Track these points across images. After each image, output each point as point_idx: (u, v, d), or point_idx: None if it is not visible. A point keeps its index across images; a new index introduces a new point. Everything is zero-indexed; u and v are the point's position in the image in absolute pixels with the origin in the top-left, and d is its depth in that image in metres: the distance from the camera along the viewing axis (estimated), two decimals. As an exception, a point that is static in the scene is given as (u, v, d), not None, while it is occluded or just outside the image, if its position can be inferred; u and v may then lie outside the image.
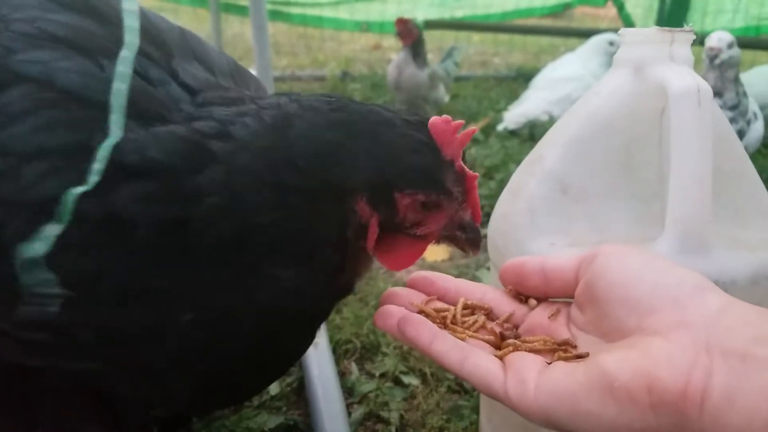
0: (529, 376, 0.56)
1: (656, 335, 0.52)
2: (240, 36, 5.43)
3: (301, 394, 1.37)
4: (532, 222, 0.82)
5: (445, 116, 0.66)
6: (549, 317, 0.65)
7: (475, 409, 1.29)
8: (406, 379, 1.43)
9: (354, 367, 1.48)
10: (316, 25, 5.60)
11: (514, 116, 3.40)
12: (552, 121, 3.26)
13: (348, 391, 1.39)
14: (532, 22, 6.12)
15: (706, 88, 0.73)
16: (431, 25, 4.78)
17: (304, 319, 0.74)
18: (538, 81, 3.65)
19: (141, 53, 0.70)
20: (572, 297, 0.64)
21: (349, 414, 1.30)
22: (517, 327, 0.68)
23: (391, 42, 5.93)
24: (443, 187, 0.66)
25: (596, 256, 0.61)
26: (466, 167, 0.67)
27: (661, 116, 0.79)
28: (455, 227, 0.69)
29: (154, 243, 0.62)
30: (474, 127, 0.68)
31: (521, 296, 0.70)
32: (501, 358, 0.61)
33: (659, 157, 0.79)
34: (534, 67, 4.93)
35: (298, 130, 0.64)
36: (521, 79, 4.76)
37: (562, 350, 0.60)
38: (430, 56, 3.59)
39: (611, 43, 3.50)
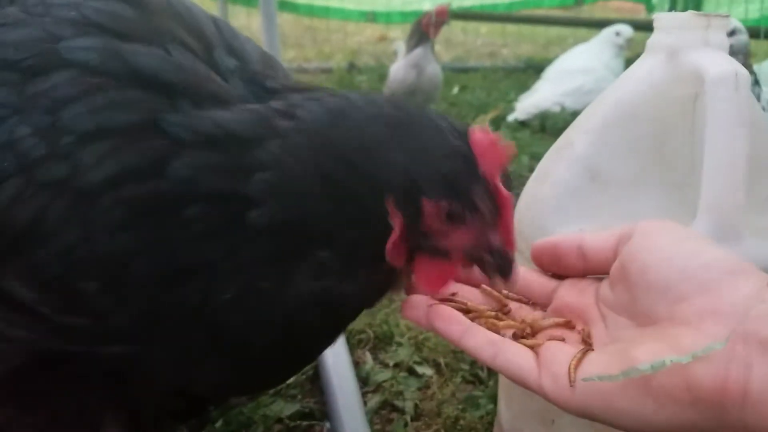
0: (562, 371, 0.55)
1: (687, 325, 0.51)
2: (246, 28, 5.40)
3: (316, 383, 1.37)
4: (559, 208, 0.81)
5: (486, 127, 0.65)
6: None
7: (492, 399, 1.29)
8: (420, 369, 1.42)
9: (368, 357, 1.48)
10: (322, 15, 5.58)
11: (525, 107, 3.38)
12: (564, 112, 3.25)
13: (363, 380, 1.38)
14: (540, 13, 6.08)
15: (744, 73, 0.71)
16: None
17: (336, 314, 0.72)
18: (549, 72, 3.62)
19: (182, 44, 0.70)
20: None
21: (365, 403, 1.30)
22: (545, 307, 0.67)
23: (397, 33, 5.90)
24: (468, 199, 0.62)
25: (632, 234, 0.60)
26: (502, 186, 0.63)
27: (693, 102, 0.77)
28: (483, 249, 0.65)
29: (201, 220, 0.62)
30: (512, 146, 0.66)
31: (548, 273, 0.69)
32: (532, 348, 0.61)
33: (691, 143, 0.78)
34: (543, 58, 4.91)
35: (353, 120, 0.64)
36: (531, 70, 4.73)
37: (589, 346, 0.59)
38: (437, 48, 3.49)
39: (617, 34, 3.48)
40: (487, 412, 1.26)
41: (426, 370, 1.42)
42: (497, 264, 0.65)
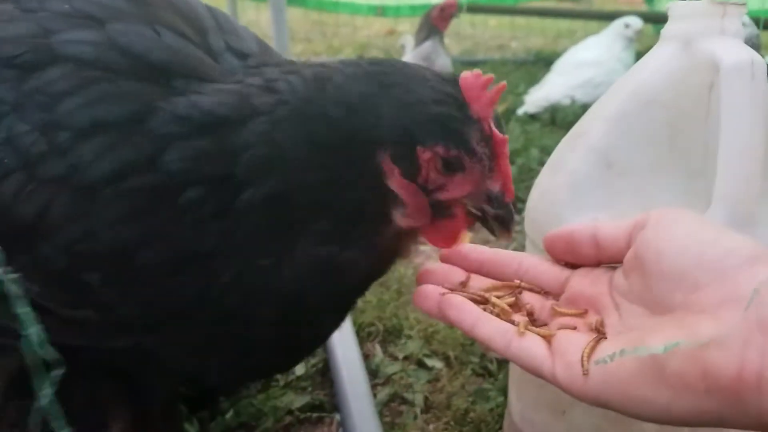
0: (576, 360, 0.55)
1: (703, 313, 0.50)
2: (255, 23, 5.40)
3: (326, 375, 1.37)
4: (574, 197, 0.80)
5: (476, 71, 0.62)
6: None
7: (501, 391, 1.28)
8: (429, 362, 1.42)
9: (378, 350, 1.48)
10: (331, 9, 5.57)
11: (535, 100, 3.36)
12: (574, 105, 3.22)
13: (372, 373, 1.38)
14: (550, 5, 6.03)
15: (760, 61, 0.70)
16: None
17: (340, 284, 0.71)
18: (559, 65, 3.59)
19: (175, 31, 0.70)
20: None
21: (374, 395, 1.30)
22: (557, 296, 0.67)
23: (406, 26, 5.88)
24: (466, 143, 0.60)
25: (647, 222, 0.59)
26: (495, 128, 0.62)
27: (709, 91, 0.76)
28: (482, 198, 0.64)
29: (196, 206, 0.62)
30: (502, 84, 0.63)
31: (561, 262, 0.68)
32: (545, 337, 0.60)
33: (706, 132, 0.77)
34: (553, 51, 4.87)
35: (334, 83, 0.63)
36: (540, 63, 4.70)
37: (602, 335, 0.58)
38: (446, 41, 3.46)
39: (627, 26, 3.45)
40: (497, 405, 1.26)
41: (435, 363, 1.42)
42: (498, 214, 0.64)
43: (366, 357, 1.43)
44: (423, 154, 0.61)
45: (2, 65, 0.64)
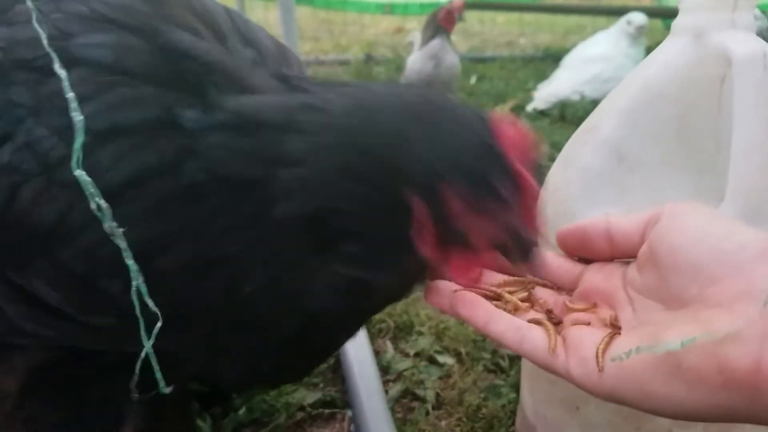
0: (590, 355, 0.55)
1: (719, 307, 0.50)
2: (264, 22, 5.40)
3: (337, 372, 1.38)
4: (585, 192, 0.80)
5: (510, 116, 0.63)
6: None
7: (513, 388, 1.28)
8: (441, 359, 1.43)
9: (389, 346, 1.48)
10: (339, 8, 5.58)
11: (544, 96, 3.35)
12: (583, 100, 3.21)
13: (383, 369, 1.39)
14: (559, 1, 6.00)
15: (772, 53, 0.70)
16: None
17: (362, 306, 0.72)
18: (568, 60, 3.58)
19: (196, 35, 0.69)
20: None
21: (386, 391, 1.31)
22: (570, 292, 0.67)
23: (413, 24, 5.88)
24: (492, 187, 0.60)
25: (660, 217, 0.59)
26: (527, 175, 0.61)
27: (720, 84, 0.76)
28: (508, 239, 0.63)
29: (225, 213, 0.62)
30: (539, 138, 0.64)
31: (573, 258, 0.68)
32: (559, 333, 0.60)
33: (717, 126, 0.77)
34: (562, 47, 4.85)
35: (375, 111, 0.63)
36: (549, 59, 4.68)
37: (616, 330, 0.58)
38: (453, 38, 3.48)
39: (629, 22, 3.43)
40: (509, 401, 1.26)
41: (447, 360, 1.42)
42: (518, 248, 0.63)
43: (377, 353, 1.44)
44: (450, 195, 0.60)
45: (20, 68, 0.63)
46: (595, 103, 3.14)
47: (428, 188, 0.61)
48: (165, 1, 0.71)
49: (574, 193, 0.81)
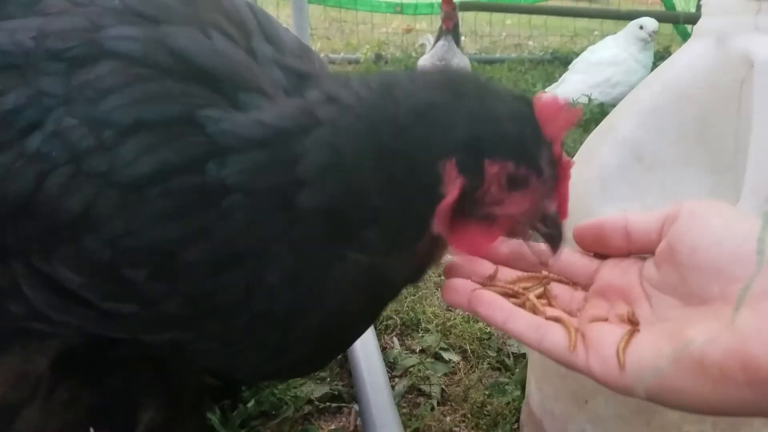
0: (611, 352, 0.55)
1: (743, 305, 0.50)
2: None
3: (344, 366, 1.40)
4: (603, 190, 0.81)
5: (552, 94, 0.62)
6: None
7: (518, 385, 1.30)
8: (446, 356, 1.44)
9: (396, 342, 1.50)
10: (350, 7, 5.59)
11: (551, 99, 3.35)
12: (591, 103, 3.22)
13: (390, 365, 1.41)
14: (567, 4, 5.99)
15: (796, 58, 0.71)
16: (465, 7, 4.73)
17: (379, 292, 0.72)
18: (577, 64, 3.59)
19: (224, 33, 0.70)
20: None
21: (392, 387, 1.32)
22: (586, 287, 0.67)
23: (423, 25, 5.89)
24: (536, 163, 0.60)
25: (679, 214, 0.59)
26: (564, 153, 0.61)
27: (741, 87, 0.77)
28: (537, 217, 0.63)
29: (246, 208, 0.63)
30: (579, 108, 0.63)
31: (589, 253, 0.68)
32: (577, 330, 0.60)
33: (736, 128, 0.77)
34: (570, 50, 4.86)
35: (403, 90, 0.62)
36: (557, 62, 4.69)
37: (635, 327, 0.58)
38: (464, 40, 3.47)
39: (641, 27, 3.43)
40: (514, 399, 1.27)
41: (452, 356, 1.44)
42: (549, 233, 0.64)
43: (384, 349, 1.45)
44: (491, 167, 0.60)
45: (51, 58, 0.65)
46: (603, 106, 3.16)
47: (468, 158, 0.59)
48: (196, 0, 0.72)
49: (592, 190, 0.82)
